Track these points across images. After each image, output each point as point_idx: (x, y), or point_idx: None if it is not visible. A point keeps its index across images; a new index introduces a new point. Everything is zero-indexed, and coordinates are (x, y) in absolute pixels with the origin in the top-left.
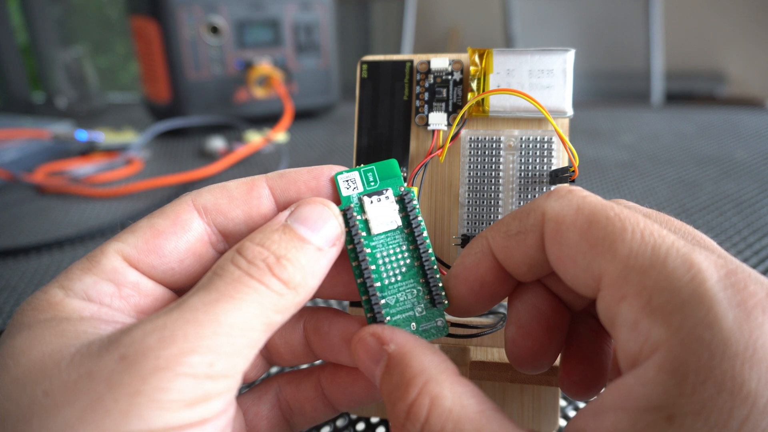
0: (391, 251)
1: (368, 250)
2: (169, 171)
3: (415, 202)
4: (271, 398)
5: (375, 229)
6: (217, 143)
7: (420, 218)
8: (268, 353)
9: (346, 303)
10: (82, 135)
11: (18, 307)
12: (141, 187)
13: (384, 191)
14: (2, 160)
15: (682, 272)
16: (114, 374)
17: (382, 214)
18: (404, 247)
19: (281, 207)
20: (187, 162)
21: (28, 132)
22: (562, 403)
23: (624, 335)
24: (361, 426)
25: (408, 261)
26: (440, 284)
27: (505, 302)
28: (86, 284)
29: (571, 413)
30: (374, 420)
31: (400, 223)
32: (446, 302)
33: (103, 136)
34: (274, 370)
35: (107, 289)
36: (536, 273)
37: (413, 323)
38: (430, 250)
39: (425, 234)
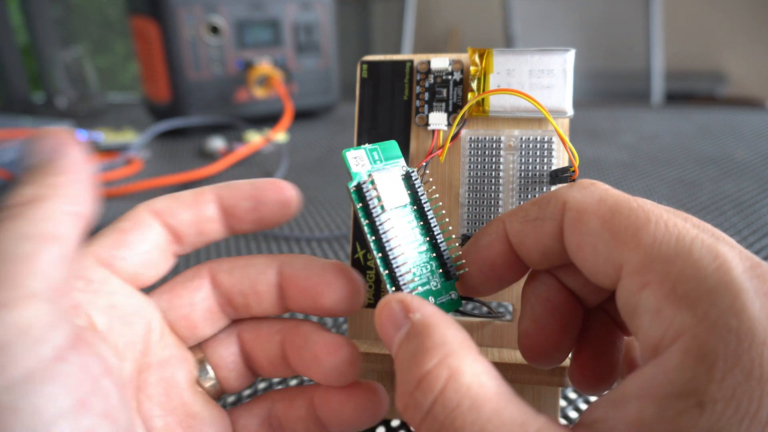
0: (403, 227)
1: (386, 220)
2: (169, 171)
3: (419, 180)
4: (262, 412)
5: (387, 205)
6: (217, 143)
7: (425, 195)
8: (251, 363)
9: (328, 319)
10: (82, 135)
11: None
12: (141, 187)
13: (390, 168)
14: (2, 160)
15: (708, 261)
16: None
17: (393, 191)
18: (414, 224)
19: (224, 214)
20: (187, 162)
21: (28, 132)
22: (562, 403)
23: (646, 322)
24: None
25: (421, 238)
26: (452, 257)
27: (506, 302)
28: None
29: (572, 413)
30: None
31: (408, 199)
32: (463, 270)
33: (103, 136)
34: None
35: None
36: (549, 261)
37: (431, 297)
38: (438, 225)
39: (432, 210)
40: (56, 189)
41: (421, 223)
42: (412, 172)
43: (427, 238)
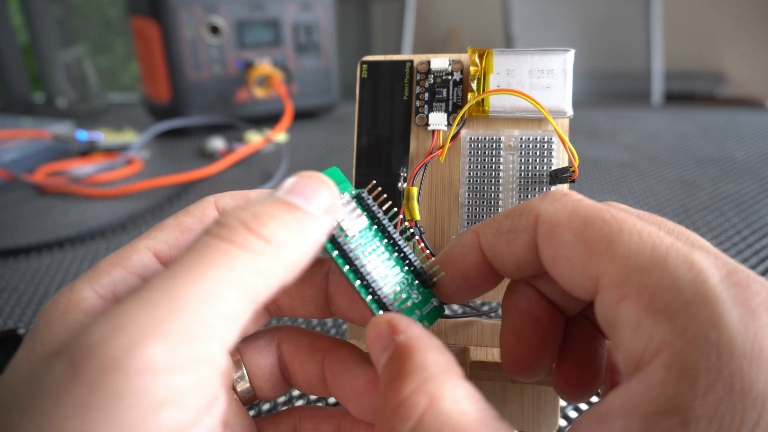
0: (371, 249)
1: (355, 247)
2: (169, 171)
3: (371, 199)
4: (287, 428)
5: (350, 232)
6: (217, 143)
7: (381, 212)
8: (287, 375)
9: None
10: (82, 135)
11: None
12: (141, 187)
13: (342, 195)
14: (2, 160)
15: (684, 271)
16: (61, 384)
17: (351, 216)
18: (379, 243)
19: None
20: (187, 162)
21: (28, 132)
22: (562, 403)
23: (626, 336)
24: None
25: (388, 254)
26: (423, 266)
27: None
28: (115, 279)
29: (572, 413)
30: None
31: (368, 221)
32: (438, 276)
33: (103, 136)
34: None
35: (135, 284)
36: (524, 272)
37: (417, 310)
38: (402, 238)
39: (392, 225)
40: (282, 249)
41: (385, 240)
42: (363, 192)
43: (395, 254)
